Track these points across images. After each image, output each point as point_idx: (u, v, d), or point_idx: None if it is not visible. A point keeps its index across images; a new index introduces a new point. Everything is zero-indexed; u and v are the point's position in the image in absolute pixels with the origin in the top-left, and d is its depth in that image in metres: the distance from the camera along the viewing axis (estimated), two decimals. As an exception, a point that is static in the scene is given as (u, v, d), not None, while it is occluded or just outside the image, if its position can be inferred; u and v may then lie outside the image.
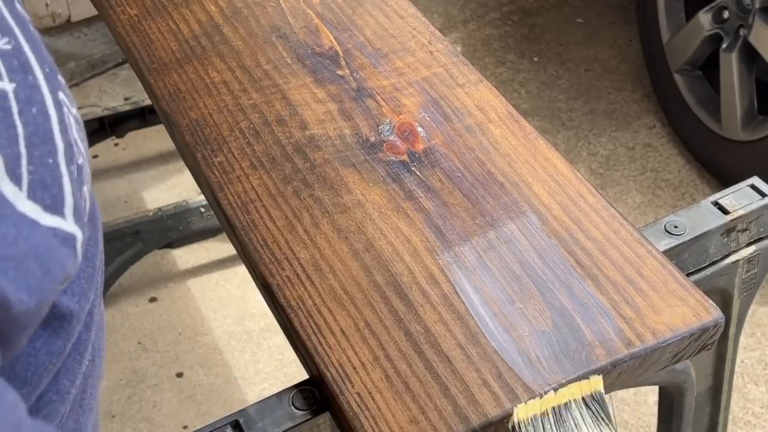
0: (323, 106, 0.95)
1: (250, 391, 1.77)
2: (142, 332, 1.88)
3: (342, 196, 0.86)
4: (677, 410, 1.05)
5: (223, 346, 1.85)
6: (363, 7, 1.08)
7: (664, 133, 2.27)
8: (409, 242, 0.82)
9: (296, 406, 0.75)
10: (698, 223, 0.89)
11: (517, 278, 0.78)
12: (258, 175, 0.88)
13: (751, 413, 1.70)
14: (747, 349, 1.80)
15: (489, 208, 0.85)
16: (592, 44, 2.55)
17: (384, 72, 0.99)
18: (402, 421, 0.69)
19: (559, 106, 2.36)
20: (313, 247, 0.82)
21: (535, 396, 0.70)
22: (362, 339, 0.75)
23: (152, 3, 1.10)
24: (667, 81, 2.20)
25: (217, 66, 1.01)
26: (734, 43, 1.98)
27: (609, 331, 0.74)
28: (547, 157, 0.89)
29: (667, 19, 2.17)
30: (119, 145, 2.30)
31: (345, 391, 0.72)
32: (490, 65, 2.49)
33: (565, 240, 0.81)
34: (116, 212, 2.09)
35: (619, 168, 2.19)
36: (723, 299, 0.96)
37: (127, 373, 1.80)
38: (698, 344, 0.77)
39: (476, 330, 0.75)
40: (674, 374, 0.99)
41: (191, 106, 0.96)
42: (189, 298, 1.94)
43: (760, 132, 1.96)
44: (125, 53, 1.06)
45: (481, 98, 0.96)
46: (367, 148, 0.91)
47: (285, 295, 0.78)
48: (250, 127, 0.93)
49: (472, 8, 2.69)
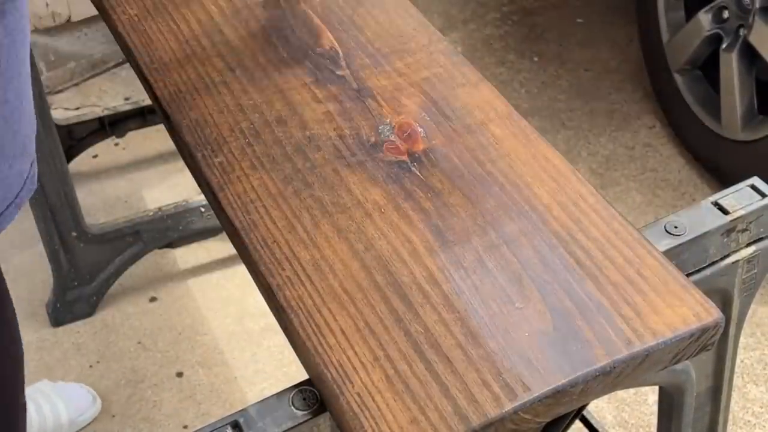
0: (323, 106, 0.96)
1: (250, 391, 1.77)
2: (142, 332, 1.88)
3: (342, 196, 0.86)
4: (677, 410, 1.05)
5: (223, 346, 1.85)
6: (363, 7, 1.08)
7: (664, 133, 2.27)
8: (409, 242, 0.82)
9: (296, 406, 0.75)
10: (698, 223, 0.89)
11: (517, 278, 0.78)
12: (258, 176, 0.88)
13: (750, 413, 1.70)
14: (747, 349, 1.80)
15: (489, 208, 0.85)
16: (592, 44, 2.55)
17: (384, 72, 0.99)
18: (402, 421, 0.69)
19: (559, 106, 2.36)
20: (313, 247, 0.82)
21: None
22: (362, 339, 0.75)
23: (152, 3, 1.10)
24: (667, 81, 2.20)
25: (217, 66, 1.01)
26: (734, 43, 1.98)
27: (609, 331, 0.74)
28: (547, 157, 0.89)
29: (667, 19, 2.17)
30: (119, 145, 2.30)
31: (345, 391, 0.72)
32: (490, 65, 2.49)
33: (565, 240, 0.81)
34: (116, 212, 2.09)
35: (619, 168, 2.19)
36: (723, 299, 0.96)
37: (127, 372, 1.80)
38: (698, 344, 0.77)
39: (476, 330, 0.75)
40: (674, 374, 0.99)
41: (191, 106, 0.96)
42: (189, 298, 1.94)
43: (760, 132, 1.96)
44: (125, 53, 1.06)
45: (481, 98, 0.96)
46: (367, 148, 0.91)
47: (285, 295, 0.78)
48: (251, 127, 0.93)
49: (472, 8, 2.69)
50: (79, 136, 2.03)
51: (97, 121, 2.06)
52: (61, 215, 1.76)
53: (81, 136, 2.04)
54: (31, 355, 1.84)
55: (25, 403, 1.26)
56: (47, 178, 1.71)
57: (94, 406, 1.73)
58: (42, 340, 1.87)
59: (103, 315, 1.91)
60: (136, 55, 1.03)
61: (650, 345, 0.74)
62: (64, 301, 1.87)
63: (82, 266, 1.84)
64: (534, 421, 0.72)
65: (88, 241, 1.81)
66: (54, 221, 1.76)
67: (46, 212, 1.75)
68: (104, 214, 2.10)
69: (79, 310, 1.89)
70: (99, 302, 1.91)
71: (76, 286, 1.86)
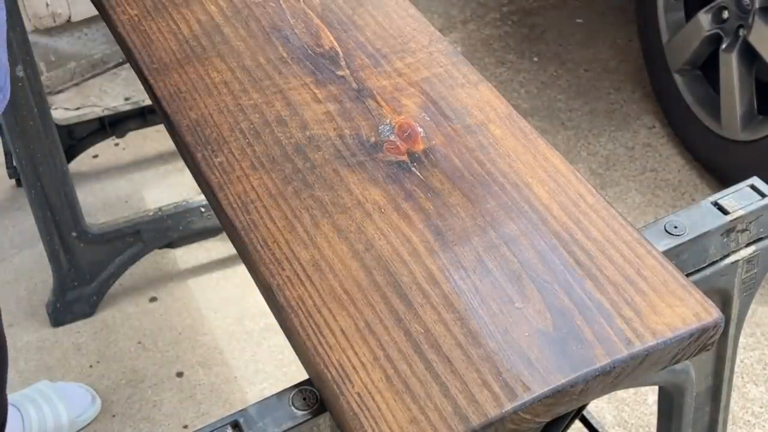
0: (323, 106, 0.96)
1: (250, 391, 1.77)
2: (142, 332, 1.88)
3: (342, 196, 0.86)
4: (677, 410, 1.05)
5: (223, 346, 1.85)
6: (363, 7, 1.08)
7: (664, 133, 2.27)
8: (409, 242, 0.82)
9: (296, 406, 0.75)
10: (698, 223, 0.89)
11: (517, 278, 0.78)
12: (258, 176, 0.88)
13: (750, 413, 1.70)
14: (747, 349, 1.80)
15: (489, 208, 0.85)
16: (592, 44, 2.55)
17: (384, 72, 0.99)
18: (402, 421, 0.69)
19: (558, 106, 2.37)
20: (313, 247, 0.82)
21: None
22: (362, 339, 0.75)
23: (152, 3, 1.10)
24: (667, 81, 2.20)
25: (218, 66, 1.01)
26: (734, 43, 1.98)
27: (609, 331, 0.74)
28: (547, 157, 0.89)
29: (667, 20, 2.17)
30: (119, 145, 2.30)
31: (345, 391, 0.72)
32: (490, 65, 2.49)
33: (565, 240, 0.81)
34: (116, 212, 2.10)
35: (619, 168, 2.19)
36: (723, 299, 0.96)
37: (127, 372, 1.80)
38: (698, 344, 0.77)
39: (476, 330, 0.75)
40: (674, 374, 0.99)
41: (191, 107, 0.96)
42: (189, 297, 1.94)
43: (759, 132, 1.96)
44: (125, 53, 1.06)
45: (481, 98, 0.96)
46: (367, 148, 0.91)
47: (285, 295, 0.78)
48: (251, 127, 0.93)
49: (472, 8, 2.69)
50: (80, 136, 2.04)
51: (97, 121, 2.06)
52: (61, 215, 1.76)
53: (81, 136, 2.04)
54: (31, 355, 1.84)
55: (6, 400, 1.28)
56: (47, 178, 1.71)
57: (94, 406, 1.73)
58: (42, 340, 1.87)
59: (103, 315, 1.91)
60: (136, 55, 1.03)
61: (650, 345, 0.74)
62: (64, 301, 1.87)
63: (82, 266, 1.84)
64: (534, 421, 0.72)
65: (88, 241, 1.81)
66: (54, 221, 1.76)
67: (46, 212, 1.75)
68: (104, 214, 2.10)
69: (79, 310, 1.89)
70: (99, 302, 1.91)
71: (76, 286, 1.86)
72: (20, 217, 2.12)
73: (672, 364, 0.78)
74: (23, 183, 1.75)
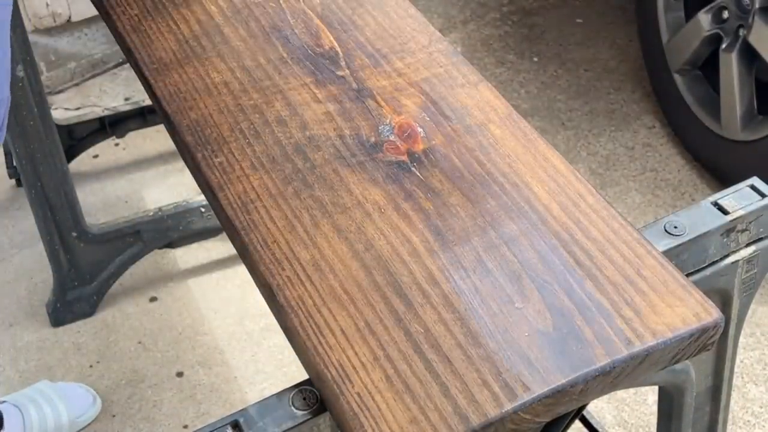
0: (323, 106, 0.96)
1: (250, 391, 1.77)
2: (142, 332, 1.88)
3: (342, 196, 0.86)
4: (677, 410, 1.05)
5: (223, 346, 1.85)
6: (363, 8, 1.08)
7: (664, 133, 2.27)
8: (409, 242, 0.82)
9: (296, 406, 0.75)
10: (698, 223, 0.89)
11: (517, 278, 0.78)
12: (258, 176, 0.88)
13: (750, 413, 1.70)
14: (747, 349, 1.80)
15: (489, 208, 0.85)
16: (592, 44, 2.55)
17: (384, 72, 0.99)
18: (402, 421, 0.69)
19: (558, 106, 2.36)
20: (313, 247, 0.82)
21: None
22: (362, 339, 0.75)
23: (152, 3, 1.10)
24: (667, 81, 2.20)
25: (218, 66, 1.01)
26: (734, 43, 1.98)
27: (609, 331, 0.74)
28: (547, 158, 0.89)
29: (667, 20, 2.17)
30: (119, 145, 2.30)
31: (345, 391, 0.72)
32: (490, 65, 2.49)
33: (565, 240, 0.81)
34: (116, 212, 2.10)
35: (619, 168, 2.19)
36: (723, 299, 0.96)
37: (127, 372, 1.80)
38: (698, 344, 0.77)
39: (476, 330, 0.75)
40: (674, 374, 1.00)
41: (191, 107, 0.96)
42: (189, 298, 1.94)
43: (759, 132, 1.96)
44: (125, 53, 1.06)
45: (481, 99, 0.96)
46: (367, 148, 0.91)
47: (285, 295, 0.78)
48: (251, 127, 0.93)
49: (472, 8, 2.69)
50: (80, 136, 2.04)
51: (97, 121, 2.06)
52: (61, 215, 1.76)
53: (81, 136, 2.04)
54: (31, 354, 1.84)
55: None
56: (47, 178, 1.71)
57: (94, 406, 1.73)
58: (42, 340, 1.87)
59: (104, 315, 1.91)
60: (136, 55, 1.03)
61: (650, 345, 0.74)
62: (64, 301, 1.87)
63: (82, 266, 1.84)
64: (534, 421, 0.73)
65: (89, 241, 1.81)
66: (54, 221, 1.76)
67: (46, 212, 1.75)
68: (104, 214, 2.10)
69: (79, 310, 1.89)
70: (99, 302, 1.91)
71: (76, 286, 1.86)
72: (20, 217, 2.12)
73: (672, 364, 0.78)
74: (23, 183, 1.75)
